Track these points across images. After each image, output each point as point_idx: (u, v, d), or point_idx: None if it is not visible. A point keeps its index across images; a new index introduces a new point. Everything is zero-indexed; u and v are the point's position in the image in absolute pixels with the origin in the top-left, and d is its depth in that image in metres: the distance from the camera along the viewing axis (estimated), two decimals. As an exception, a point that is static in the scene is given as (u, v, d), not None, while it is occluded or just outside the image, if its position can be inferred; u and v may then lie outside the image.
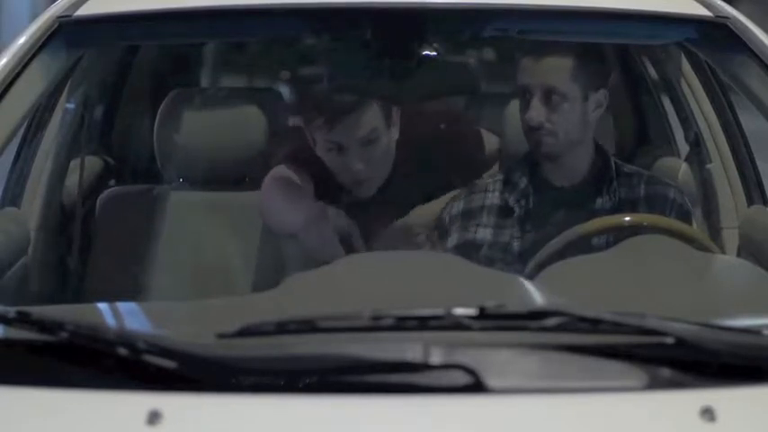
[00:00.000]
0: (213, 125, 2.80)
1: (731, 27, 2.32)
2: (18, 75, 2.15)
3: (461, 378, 1.50)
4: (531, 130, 2.48)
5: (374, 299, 1.70)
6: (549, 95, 2.46)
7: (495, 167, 2.75)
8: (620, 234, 2.30)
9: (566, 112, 2.46)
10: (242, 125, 2.76)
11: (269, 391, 1.51)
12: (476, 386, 1.50)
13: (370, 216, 2.55)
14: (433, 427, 1.49)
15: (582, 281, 1.95)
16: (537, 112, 2.45)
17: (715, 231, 2.92)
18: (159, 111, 2.81)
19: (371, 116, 2.53)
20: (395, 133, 2.59)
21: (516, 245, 2.47)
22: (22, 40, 2.22)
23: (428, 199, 2.59)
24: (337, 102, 2.56)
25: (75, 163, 2.95)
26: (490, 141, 2.78)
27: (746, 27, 2.32)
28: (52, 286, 2.75)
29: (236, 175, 2.79)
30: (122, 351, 1.53)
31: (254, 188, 2.74)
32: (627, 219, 2.40)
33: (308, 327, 1.56)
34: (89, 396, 1.52)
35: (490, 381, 1.50)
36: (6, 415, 1.51)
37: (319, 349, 1.54)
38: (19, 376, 1.55)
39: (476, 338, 1.56)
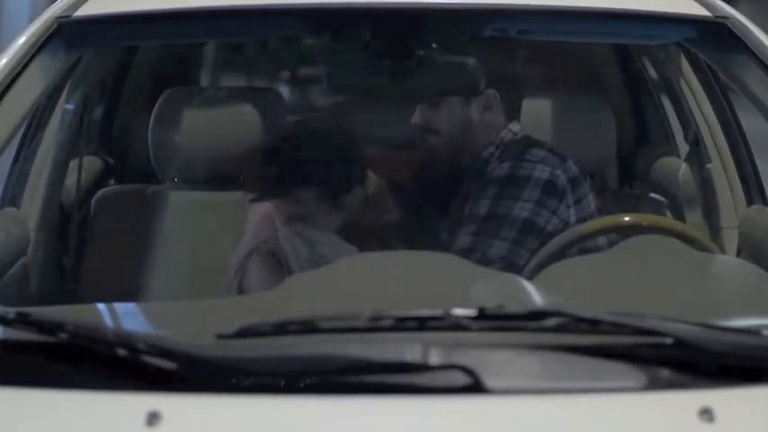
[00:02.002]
0: (208, 124, 2.80)
1: (731, 27, 2.32)
2: (18, 75, 2.15)
3: (461, 379, 1.50)
4: (419, 132, 2.68)
5: (374, 299, 1.70)
6: (432, 101, 2.67)
7: None
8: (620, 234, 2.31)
9: (446, 114, 2.65)
10: (237, 124, 2.76)
11: (268, 391, 1.51)
12: (475, 387, 1.50)
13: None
14: (432, 428, 1.49)
15: (581, 281, 1.95)
16: (419, 115, 2.68)
17: (715, 231, 2.92)
18: (154, 110, 2.81)
19: (306, 197, 2.52)
20: (354, 205, 2.57)
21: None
22: (21, 40, 2.22)
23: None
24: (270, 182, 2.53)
25: (74, 163, 2.95)
26: None
27: (746, 27, 2.32)
28: (52, 287, 2.75)
29: (231, 174, 2.79)
30: (122, 352, 1.53)
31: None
32: (627, 219, 2.41)
33: (307, 327, 1.56)
34: (88, 397, 1.52)
35: (489, 381, 1.50)
36: (6, 415, 1.51)
37: (318, 350, 1.54)
38: (18, 377, 1.55)
39: (475, 339, 1.56)
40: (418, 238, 2.56)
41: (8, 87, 2.12)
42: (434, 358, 1.50)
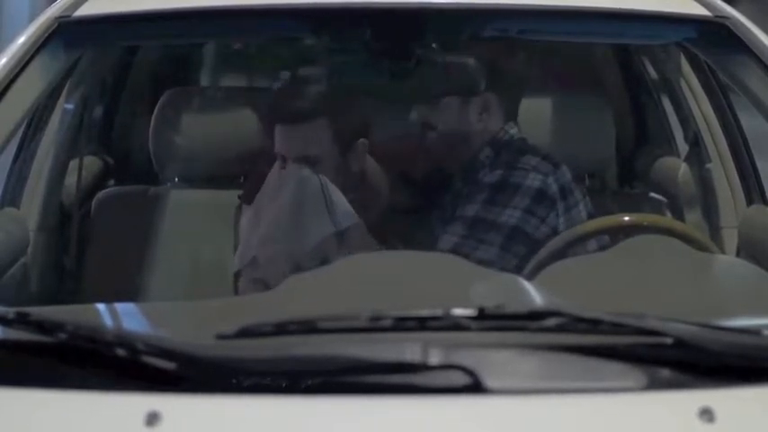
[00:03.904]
0: (209, 124, 2.81)
1: (731, 27, 2.32)
2: (17, 75, 2.15)
3: (460, 379, 1.50)
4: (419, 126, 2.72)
5: (373, 299, 1.70)
6: (430, 103, 2.69)
7: None
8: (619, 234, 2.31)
9: (443, 114, 2.66)
10: (237, 124, 2.77)
11: (268, 391, 1.51)
12: (475, 387, 1.50)
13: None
14: (432, 428, 1.49)
15: (581, 281, 1.95)
16: (416, 114, 2.72)
17: (715, 231, 2.92)
18: (155, 110, 2.81)
19: (317, 135, 2.52)
20: (356, 165, 2.58)
21: None
22: (21, 40, 2.22)
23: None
24: (288, 108, 2.56)
25: (74, 163, 2.95)
26: None
27: (746, 27, 2.32)
28: (51, 287, 2.75)
29: (231, 174, 2.79)
30: (121, 352, 1.53)
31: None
32: (627, 219, 2.41)
33: (307, 327, 1.56)
34: (88, 397, 1.52)
35: (489, 381, 1.50)
36: (6, 415, 1.51)
37: (318, 350, 1.54)
38: (18, 377, 1.55)
39: (475, 339, 1.56)
40: (405, 234, 2.56)
41: (8, 87, 2.12)
42: (434, 358, 1.50)
